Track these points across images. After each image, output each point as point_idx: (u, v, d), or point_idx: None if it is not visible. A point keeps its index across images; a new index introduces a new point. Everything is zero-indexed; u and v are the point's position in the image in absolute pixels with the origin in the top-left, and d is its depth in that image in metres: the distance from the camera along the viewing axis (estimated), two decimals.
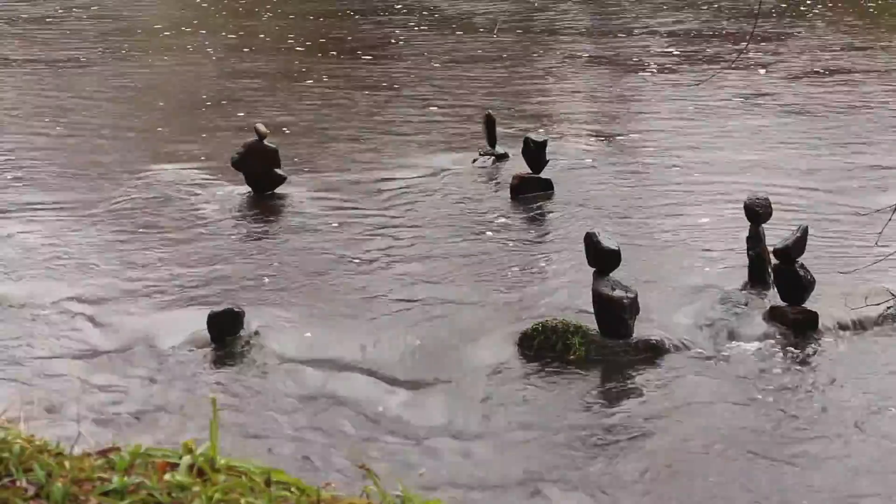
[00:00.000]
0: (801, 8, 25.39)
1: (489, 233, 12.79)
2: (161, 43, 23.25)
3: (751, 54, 20.23)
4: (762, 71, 19.84)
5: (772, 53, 21.09)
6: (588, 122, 17.57)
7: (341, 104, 18.38)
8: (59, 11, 26.52)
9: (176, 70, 20.98)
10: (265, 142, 13.91)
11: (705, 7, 25.63)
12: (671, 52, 21.74)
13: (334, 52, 22.11)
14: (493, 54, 21.74)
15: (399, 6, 26.33)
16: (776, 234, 10.87)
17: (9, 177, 14.93)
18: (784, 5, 25.29)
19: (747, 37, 19.48)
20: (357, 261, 12.02)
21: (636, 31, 23.65)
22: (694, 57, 21.20)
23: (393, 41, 22.99)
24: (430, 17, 25.17)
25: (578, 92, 19.47)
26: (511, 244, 12.45)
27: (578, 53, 22.08)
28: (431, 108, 18.08)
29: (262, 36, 23.66)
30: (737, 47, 20.66)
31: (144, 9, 27.04)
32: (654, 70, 20.39)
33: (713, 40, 22.54)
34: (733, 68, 17.94)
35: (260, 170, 13.90)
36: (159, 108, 18.19)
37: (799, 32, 23.06)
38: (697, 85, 18.45)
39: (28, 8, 26.72)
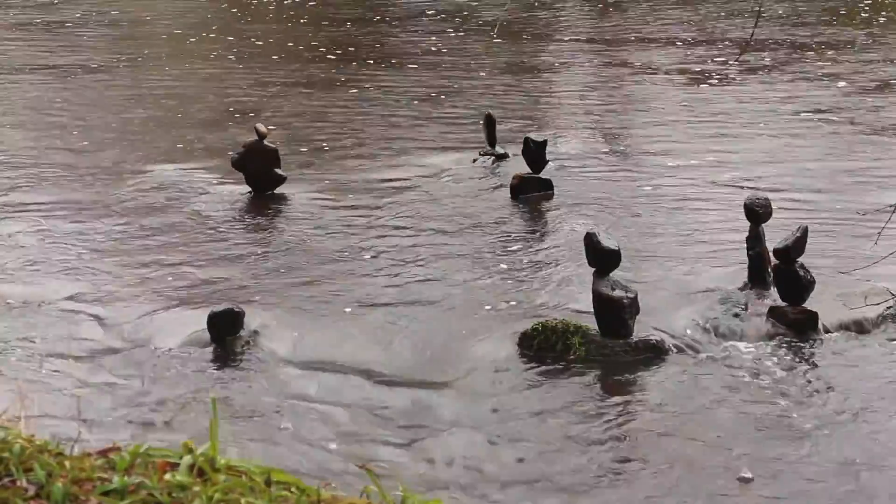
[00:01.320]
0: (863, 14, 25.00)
1: (489, 233, 12.79)
2: (184, 49, 22.88)
3: (766, 60, 20.21)
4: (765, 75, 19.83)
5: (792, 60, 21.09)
6: (589, 121, 17.57)
7: (365, 111, 18.35)
8: (77, 16, 26.19)
9: (197, 77, 20.64)
10: (265, 142, 13.91)
11: (701, 12, 25.62)
12: (671, 52, 21.74)
13: (371, 61, 21.57)
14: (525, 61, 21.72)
15: (431, 11, 25.88)
16: (776, 234, 10.87)
17: (9, 177, 14.94)
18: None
19: (749, 38, 19.45)
20: (357, 261, 12.02)
21: (645, 31, 23.65)
22: (699, 59, 21.20)
23: (433, 49, 22.36)
24: (468, 24, 24.64)
25: (580, 91, 19.46)
26: (511, 244, 12.44)
27: (580, 53, 22.08)
28: (446, 109, 18.08)
29: (290, 44, 23.24)
30: (736, 52, 20.63)
31: (167, 15, 26.61)
32: (657, 70, 20.39)
33: (717, 44, 22.54)
34: (732, 68, 17.93)
35: (260, 169, 13.90)
36: (178, 118, 17.85)
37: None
38: (697, 86, 18.46)
39: (45, 14, 26.35)
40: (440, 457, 8.43)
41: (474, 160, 14.97)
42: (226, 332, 10.10)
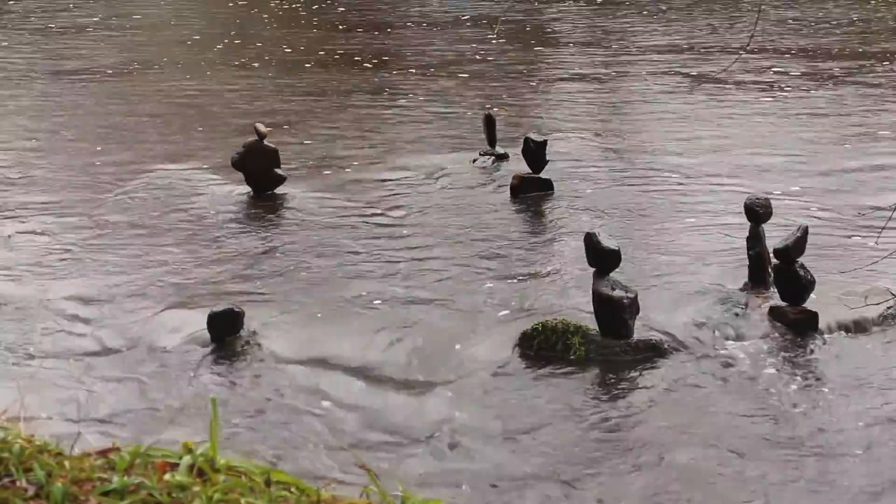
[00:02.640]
0: None
1: (488, 233, 12.79)
2: (208, 56, 22.30)
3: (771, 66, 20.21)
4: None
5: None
6: (589, 121, 17.56)
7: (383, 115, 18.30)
8: (96, 19, 25.83)
9: (215, 82, 20.15)
10: (265, 142, 13.91)
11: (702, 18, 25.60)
12: (673, 54, 21.74)
13: (413, 69, 20.98)
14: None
15: (465, 17, 25.49)
16: (776, 234, 10.86)
17: (9, 177, 14.94)
18: None
19: (748, 39, 19.47)
20: (357, 260, 12.02)
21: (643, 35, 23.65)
22: (692, 60, 21.20)
23: (477, 57, 21.80)
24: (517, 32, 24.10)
25: (580, 91, 19.46)
26: (511, 244, 12.44)
27: (583, 52, 22.08)
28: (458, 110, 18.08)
29: (321, 52, 22.52)
30: (735, 54, 20.63)
31: (192, 19, 26.10)
32: (658, 72, 20.39)
33: (713, 52, 22.53)
34: (727, 69, 17.92)
35: (260, 169, 13.90)
36: (191, 123, 17.61)
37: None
38: (698, 85, 18.46)
39: (63, 19, 25.92)
40: (440, 457, 8.43)
41: (474, 160, 14.97)
42: (226, 332, 10.10)
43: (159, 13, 26.90)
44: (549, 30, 24.39)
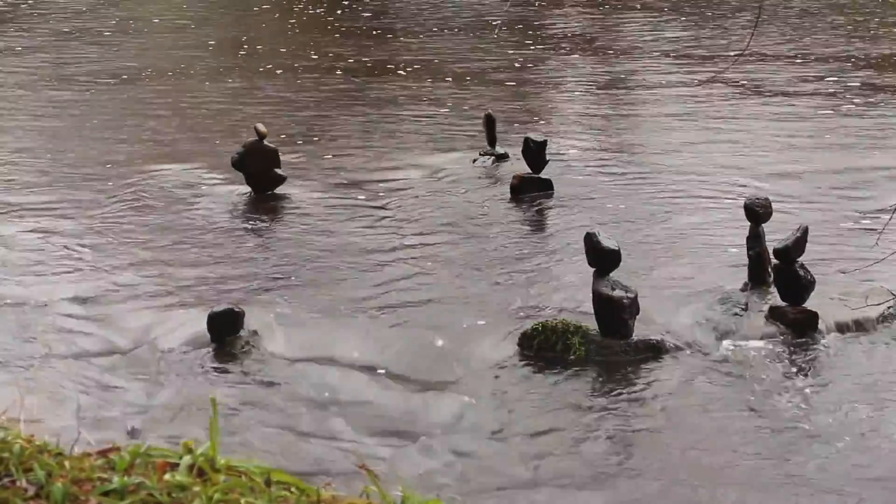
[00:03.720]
0: None
1: (489, 233, 12.79)
2: (230, 62, 21.69)
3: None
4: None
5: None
6: (589, 121, 17.57)
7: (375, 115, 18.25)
8: (113, 22, 25.41)
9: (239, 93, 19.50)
10: (265, 142, 13.91)
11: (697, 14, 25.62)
12: (673, 54, 21.75)
13: (468, 78, 20.18)
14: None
15: (495, 22, 24.83)
16: (776, 235, 10.86)
17: (10, 177, 14.95)
18: None
19: (748, 39, 19.47)
20: (357, 260, 12.02)
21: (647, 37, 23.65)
22: (691, 56, 21.21)
23: (517, 65, 21.16)
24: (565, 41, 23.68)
25: (580, 91, 19.46)
26: (511, 244, 12.44)
27: (582, 52, 22.08)
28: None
29: (351, 60, 21.73)
30: (734, 53, 20.63)
31: (211, 23, 25.35)
32: (658, 69, 20.40)
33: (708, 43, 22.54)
34: (727, 70, 17.91)
35: (260, 169, 13.90)
36: (203, 128, 17.35)
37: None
38: (698, 85, 18.46)
39: (79, 23, 25.50)
40: (440, 457, 8.43)
41: (474, 160, 14.97)
42: (226, 332, 10.10)
43: (179, 17, 26.40)
44: (552, 31, 24.39)
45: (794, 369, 9.74)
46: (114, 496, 2.98)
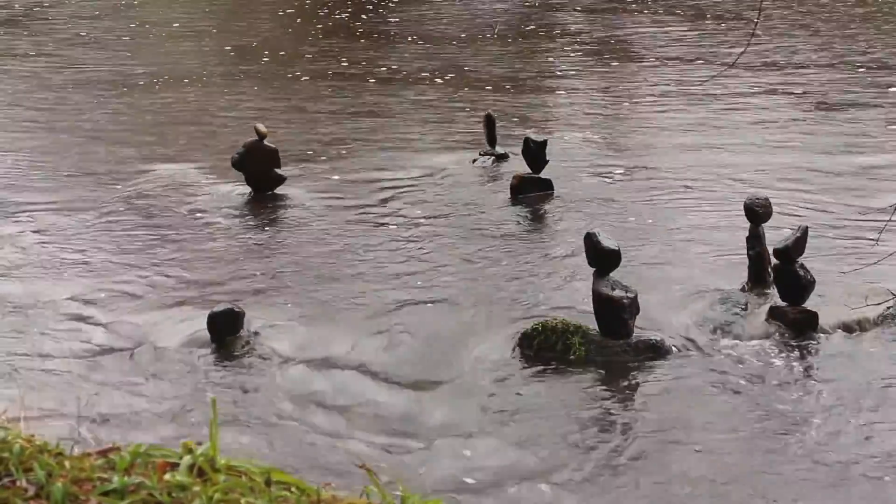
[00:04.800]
0: None
1: (489, 233, 12.79)
2: (251, 68, 21.20)
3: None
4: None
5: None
6: (589, 121, 17.56)
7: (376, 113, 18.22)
8: (133, 26, 24.99)
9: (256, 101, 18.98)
10: (265, 142, 13.92)
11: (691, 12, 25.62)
12: (673, 52, 21.75)
13: (507, 87, 19.66)
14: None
15: (532, 26, 24.49)
16: (776, 234, 10.87)
17: (10, 177, 14.95)
18: None
19: (748, 39, 19.47)
20: (357, 260, 12.02)
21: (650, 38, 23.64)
22: (702, 56, 21.21)
23: (559, 73, 20.73)
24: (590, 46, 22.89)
25: (580, 91, 19.46)
26: (510, 244, 12.45)
27: (582, 52, 22.08)
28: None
29: (384, 67, 21.03)
30: (734, 52, 20.64)
31: (241, 31, 24.51)
32: (658, 68, 20.41)
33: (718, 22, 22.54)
34: (727, 71, 17.90)
35: (260, 169, 13.90)
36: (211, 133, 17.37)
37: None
38: (701, 85, 18.46)
39: (98, 26, 25.16)
40: (440, 457, 8.43)
41: (474, 160, 14.97)
42: (226, 332, 10.10)
43: (199, 21, 25.82)
44: (553, 32, 24.40)
45: (794, 369, 9.74)
46: (114, 496, 2.98)
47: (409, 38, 23.49)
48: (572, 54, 22.11)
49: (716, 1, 25.95)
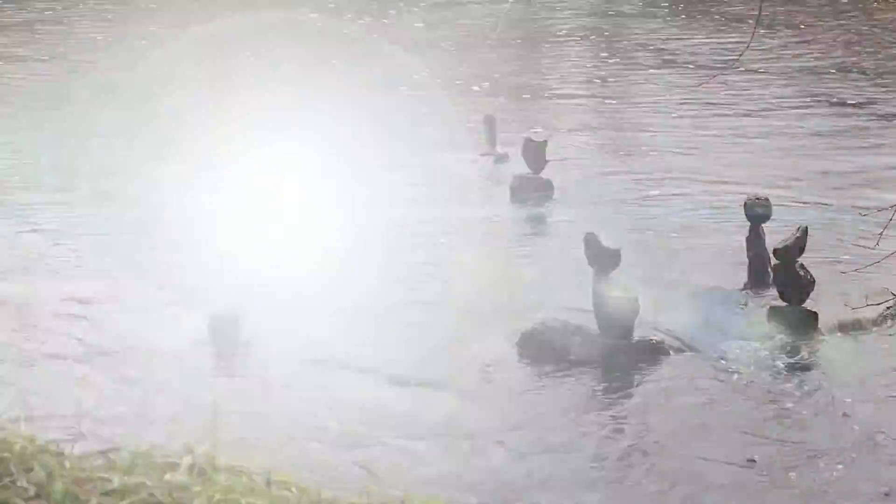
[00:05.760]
0: None
1: (489, 233, 12.79)
2: (277, 76, 20.67)
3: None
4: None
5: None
6: (589, 122, 17.56)
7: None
8: (153, 29, 24.59)
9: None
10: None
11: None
12: (672, 51, 21.74)
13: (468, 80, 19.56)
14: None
15: (532, 26, 24.36)
16: (776, 235, 10.87)
17: (10, 177, 14.94)
18: None
19: (749, 39, 19.46)
20: (357, 261, 12.01)
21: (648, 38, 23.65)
22: (693, 59, 21.21)
23: (559, 74, 20.65)
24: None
25: (580, 91, 19.46)
26: (510, 244, 12.45)
27: (581, 53, 22.08)
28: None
29: (412, 75, 20.20)
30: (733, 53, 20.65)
31: (262, 37, 23.41)
32: (658, 68, 20.41)
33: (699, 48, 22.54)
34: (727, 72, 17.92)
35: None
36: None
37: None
38: (699, 86, 18.47)
39: (101, 30, 25.03)
40: (440, 457, 8.43)
41: (474, 160, 14.97)
42: (226, 333, 10.10)
43: (219, 21, 24.27)
44: (558, 34, 24.39)
45: (794, 369, 9.74)
46: (114, 496, 2.98)
47: (409, 39, 23.48)
48: (572, 55, 22.11)
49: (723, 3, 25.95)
